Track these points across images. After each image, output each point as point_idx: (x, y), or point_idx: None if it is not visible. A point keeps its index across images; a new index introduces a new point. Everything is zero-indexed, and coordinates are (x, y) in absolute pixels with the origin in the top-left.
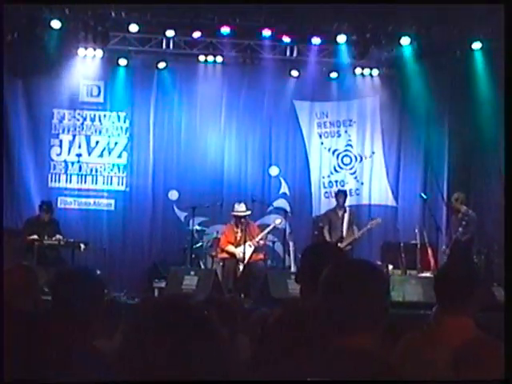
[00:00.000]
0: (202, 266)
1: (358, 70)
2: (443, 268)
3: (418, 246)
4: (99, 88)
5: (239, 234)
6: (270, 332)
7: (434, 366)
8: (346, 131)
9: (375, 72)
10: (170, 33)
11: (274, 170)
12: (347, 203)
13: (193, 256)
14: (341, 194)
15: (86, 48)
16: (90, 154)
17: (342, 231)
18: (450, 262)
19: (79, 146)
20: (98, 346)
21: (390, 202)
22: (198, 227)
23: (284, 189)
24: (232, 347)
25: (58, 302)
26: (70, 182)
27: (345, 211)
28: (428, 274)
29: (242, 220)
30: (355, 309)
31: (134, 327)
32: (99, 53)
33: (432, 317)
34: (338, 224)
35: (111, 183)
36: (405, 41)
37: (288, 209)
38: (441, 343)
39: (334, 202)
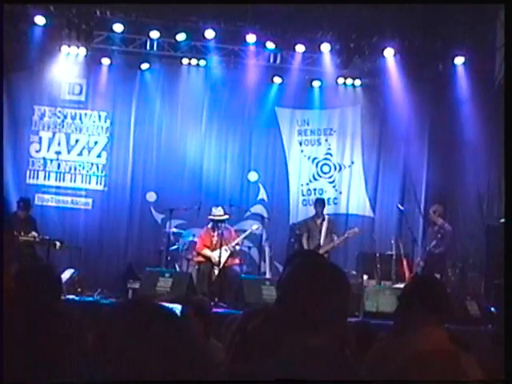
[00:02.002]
0: (178, 269)
1: (341, 80)
2: (413, 279)
3: (394, 257)
4: (81, 86)
5: (215, 238)
6: (251, 338)
7: (401, 375)
8: (326, 140)
9: (358, 82)
10: (154, 34)
11: (252, 176)
12: (325, 212)
13: (168, 258)
14: (319, 203)
15: (69, 46)
16: (69, 152)
17: (319, 239)
18: (420, 274)
19: (59, 144)
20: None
21: (368, 212)
22: (174, 230)
23: (262, 195)
24: (205, 349)
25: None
26: (49, 179)
27: (323, 220)
28: (403, 285)
29: (219, 224)
30: (311, 309)
31: (107, 328)
32: (82, 51)
33: (402, 327)
34: (316, 232)
35: (90, 182)
36: (388, 52)
37: (265, 215)
38: (409, 353)
39: (311, 210)
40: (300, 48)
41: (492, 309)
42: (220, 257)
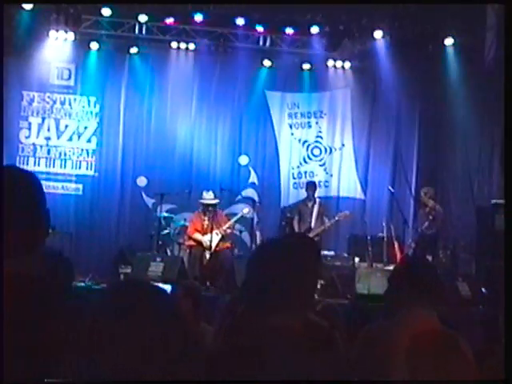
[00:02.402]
0: (169, 253)
1: (331, 62)
2: (404, 261)
3: (385, 239)
4: (70, 71)
5: (206, 222)
6: (239, 321)
7: (391, 357)
8: (316, 123)
9: (347, 65)
10: (142, 18)
11: (243, 160)
12: (316, 194)
13: (160, 243)
14: (311, 186)
15: (57, 30)
16: (59, 138)
17: (310, 222)
18: (411, 256)
19: (48, 130)
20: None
21: (359, 194)
22: (165, 214)
23: (253, 178)
24: (196, 331)
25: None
26: (39, 165)
27: (314, 202)
28: None
29: (210, 208)
30: (281, 287)
31: (99, 311)
32: (71, 36)
33: (392, 309)
34: (307, 215)
35: (80, 168)
36: (378, 34)
37: (256, 198)
38: (399, 335)
39: (302, 193)
40: (289, 30)
41: (483, 290)
42: (211, 241)
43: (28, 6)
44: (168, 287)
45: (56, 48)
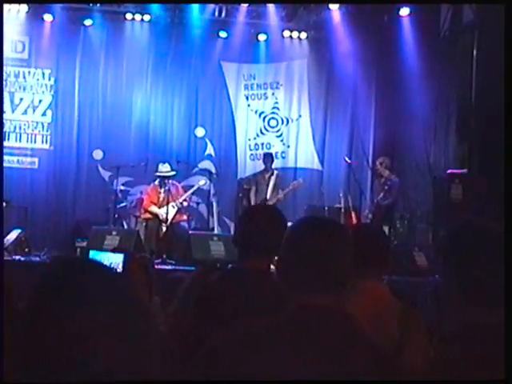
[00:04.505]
0: (126, 226)
1: (287, 33)
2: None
3: (342, 210)
4: (24, 44)
5: (162, 195)
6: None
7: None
8: (273, 94)
9: (303, 35)
10: None
11: (199, 131)
12: (273, 166)
13: (116, 216)
14: (267, 157)
15: (10, 2)
16: (13, 111)
17: (266, 193)
18: (358, 226)
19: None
20: None
21: (316, 165)
22: (122, 187)
23: (210, 150)
24: (150, 308)
25: None
26: None
27: (272, 174)
28: None
29: (166, 181)
30: (318, 268)
31: (39, 292)
32: (24, 7)
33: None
34: (263, 186)
35: (35, 141)
36: (333, 4)
37: (213, 170)
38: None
39: (259, 165)
40: (245, 1)
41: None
42: (167, 213)
43: None
44: (120, 258)
45: (9, 20)
